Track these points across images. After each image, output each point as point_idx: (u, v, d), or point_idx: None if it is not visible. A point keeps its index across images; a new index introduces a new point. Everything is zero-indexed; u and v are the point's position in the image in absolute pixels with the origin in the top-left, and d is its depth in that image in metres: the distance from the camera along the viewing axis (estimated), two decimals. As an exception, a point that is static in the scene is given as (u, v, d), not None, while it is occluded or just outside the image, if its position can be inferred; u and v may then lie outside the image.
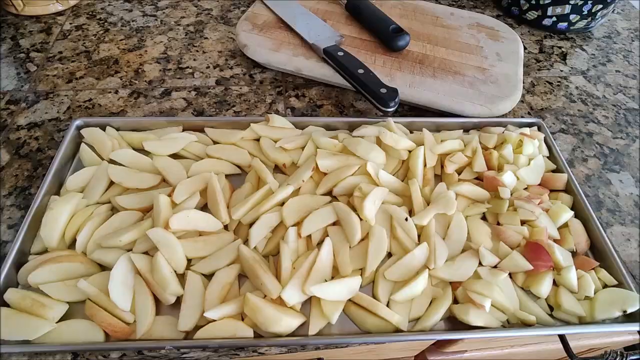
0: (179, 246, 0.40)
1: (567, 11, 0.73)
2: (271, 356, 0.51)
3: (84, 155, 0.49)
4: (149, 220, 0.42)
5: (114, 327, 0.37)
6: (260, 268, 0.40)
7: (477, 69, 0.61)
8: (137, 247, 0.41)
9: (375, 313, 0.39)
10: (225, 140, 0.51)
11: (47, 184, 0.45)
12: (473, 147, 0.51)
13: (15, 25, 0.71)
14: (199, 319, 0.38)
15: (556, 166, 0.52)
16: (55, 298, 0.38)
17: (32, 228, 0.43)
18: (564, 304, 0.40)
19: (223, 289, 0.40)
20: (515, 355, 0.74)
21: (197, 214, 0.43)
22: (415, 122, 0.55)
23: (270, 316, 0.37)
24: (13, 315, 0.37)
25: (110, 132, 0.51)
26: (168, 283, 0.38)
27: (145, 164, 0.48)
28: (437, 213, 0.45)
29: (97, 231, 0.42)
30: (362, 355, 0.59)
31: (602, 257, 0.45)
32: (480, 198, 0.48)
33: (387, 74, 0.60)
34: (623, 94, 0.67)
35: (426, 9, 0.73)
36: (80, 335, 0.37)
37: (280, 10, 0.68)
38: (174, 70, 0.64)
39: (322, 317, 0.39)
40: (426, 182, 0.49)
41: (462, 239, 0.44)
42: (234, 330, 0.37)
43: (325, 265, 0.41)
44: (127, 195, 0.45)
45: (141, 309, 0.38)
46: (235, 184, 0.48)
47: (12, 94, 0.59)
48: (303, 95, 0.62)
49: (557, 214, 0.46)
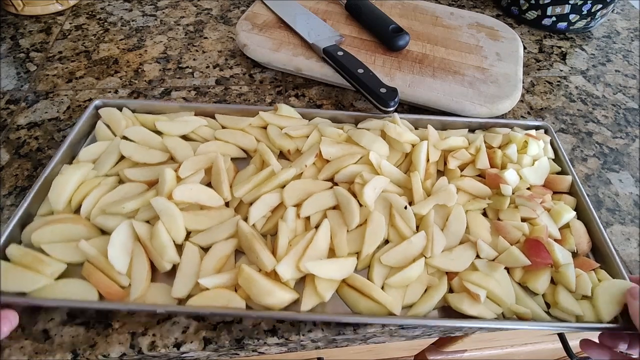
0: (179, 217, 0.41)
1: (566, 11, 0.74)
2: (271, 356, 0.51)
3: (99, 132, 0.51)
4: (154, 191, 0.44)
5: (109, 289, 0.38)
6: (257, 242, 0.41)
7: (477, 69, 0.61)
8: (139, 215, 0.43)
9: (369, 295, 0.40)
10: (233, 126, 0.53)
11: (60, 154, 0.47)
12: (477, 145, 0.51)
13: (15, 25, 0.71)
14: (193, 288, 0.39)
15: (561, 169, 0.52)
16: (55, 257, 0.39)
17: (41, 192, 0.44)
18: (561, 302, 0.40)
19: (219, 262, 0.41)
20: (515, 355, 0.74)
21: (200, 188, 0.44)
22: (421, 119, 0.55)
23: (263, 288, 0.37)
24: (12, 269, 0.38)
25: (126, 112, 0.53)
26: (166, 250, 0.40)
27: (156, 142, 0.50)
28: (437, 204, 0.46)
29: (102, 198, 0.44)
30: (362, 355, 0.59)
31: (603, 260, 0.44)
32: (482, 194, 0.48)
33: (387, 74, 0.60)
34: (623, 93, 0.67)
35: (426, 8, 0.73)
36: (76, 294, 0.38)
37: (280, 10, 0.68)
38: (173, 70, 0.64)
39: (315, 295, 0.39)
40: (428, 176, 0.49)
41: (461, 231, 0.45)
42: (226, 300, 0.38)
43: (322, 246, 0.42)
44: (135, 169, 0.47)
45: (137, 273, 0.39)
46: (240, 167, 0.50)
47: (12, 94, 0.59)
48: (303, 95, 0.62)
49: (559, 213, 0.46)
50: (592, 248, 0.46)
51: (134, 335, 0.39)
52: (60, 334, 0.38)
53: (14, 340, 0.38)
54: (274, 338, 0.39)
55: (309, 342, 0.41)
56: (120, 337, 0.39)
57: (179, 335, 0.39)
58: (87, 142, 0.52)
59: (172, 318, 0.40)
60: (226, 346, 0.39)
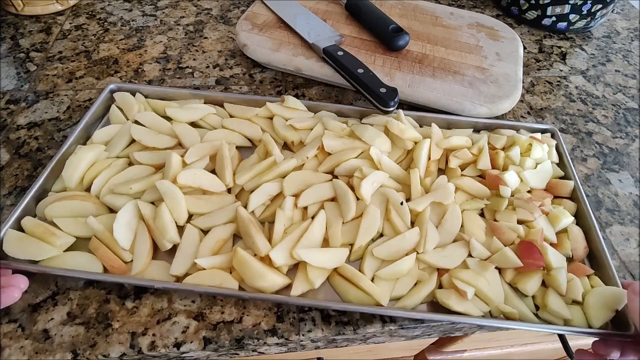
0: (182, 199, 0.44)
1: (566, 11, 0.74)
2: (271, 356, 0.51)
3: (112, 115, 0.54)
4: (160, 174, 0.46)
5: (112, 263, 0.41)
6: (253, 227, 0.42)
7: (477, 69, 0.61)
8: (145, 196, 0.45)
9: (358, 285, 0.40)
10: (241, 115, 0.54)
11: (75, 134, 0.49)
12: (480, 146, 0.51)
13: (15, 25, 0.71)
14: (190, 267, 0.41)
15: (564, 173, 0.52)
16: (65, 231, 0.42)
17: (56, 170, 0.47)
18: (550, 304, 0.40)
19: (217, 244, 0.43)
20: (515, 355, 0.74)
21: (203, 174, 0.46)
22: (426, 117, 0.55)
23: (256, 270, 0.39)
24: (25, 239, 0.41)
25: (139, 97, 0.56)
26: (168, 230, 0.42)
27: (165, 128, 0.52)
28: (434, 202, 0.46)
29: (112, 179, 0.46)
30: (362, 355, 0.59)
31: (599, 267, 0.44)
32: (480, 194, 0.48)
33: (387, 74, 0.60)
34: (622, 93, 0.67)
35: (426, 8, 0.73)
36: (82, 265, 0.41)
37: (280, 10, 0.68)
38: (173, 69, 0.64)
39: (306, 282, 0.41)
40: (428, 174, 0.49)
41: (455, 229, 0.45)
42: (220, 280, 0.40)
43: (317, 235, 0.43)
44: (144, 152, 0.49)
45: (139, 249, 0.42)
46: (244, 156, 0.51)
47: (12, 94, 0.60)
48: (303, 94, 0.62)
49: (557, 218, 0.46)
50: (588, 254, 0.46)
51: (134, 335, 0.39)
52: (60, 334, 0.39)
53: (13, 340, 0.38)
54: (273, 338, 0.40)
55: (309, 342, 0.41)
56: (120, 337, 0.39)
57: (178, 335, 0.39)
58: (101, 124, 0.54)
59: (171, 318, 0.40)
60: (226, 346, 0.39)
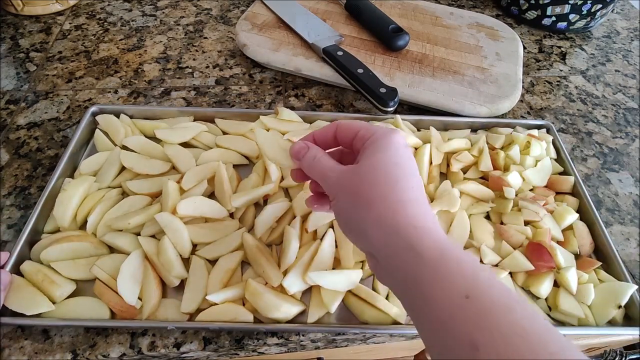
0: (185, 231, 0.42)
1: (566, 11, 0.73)
2: (271, 356, 0.51)
3: (98, 141, 0.51)
4: (157, 204, 0.44)
5: (121, 307, 0.39)
6: (262, 256, 0.41)
7: (477, 69, 0.61)
8: (144, 230, 0.43)
9: (374, 305, 0.40)
10: (234, 131, 0.53)
11: (61, 167, 0.47)
12: (480, 147, 0.51)
13: (15, 25, 0.71)
14: (201, 302, 0.39)
15: (563, 169, 0.52)
16: (65, 275, 0.40)
17: (46, 208, 0.44)
18: (561, 305, 0.40)
19: (226, 275, 0.41)
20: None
21: (204, 201, 0.44)
22: (423, 120, 0.55)
23: (270, 302, 0.38)
24: (24, 287, 0.39)
25: (123, 119, 0.53)
26: (173, 266, 0.40)
27: (156, 151, 0.50)
28: (440, 210, 0.45)
29: (107, 213, 0.44)
30: (362, 355, 0.59)
31: (605, 260, 0.44)
32: (485, 197, 0.48)
33: (387, 74, 0.60)
34: (622, 93, 0.67)
35: (426, 8, 0.73)
36: (87, 312, 0.39)
37: (279, 10, 0.68)
38: (173, 70, 0.64)
39: (321, 306, 0.40)
40: (431, 180, 0.49)
41: (465, 236, 0.45)
42: (234, 314, 0.39)
43: (327, 256, 0.42)
44: (137, 181, 0.47)
45: (147, 293, 0.39)
46: (242, 174, 0.50)
47: (11, 94, 0.59)
48: (303, 95, 0.62)
49: (561, 215, 0.46)
50: (594, 249, 0.46)
51: (133, 335, 0.39)
52: (60, 334, 0.38)
53: (13, 340, 0.38)
54: (273, 338, 0.40)
55: (309, 342, 0.41)
56: (120, 337, 0.39)
57: (178, 335, 0.39)
58: (86, 151, 0.52)
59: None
60: (226, 346, 0.39)
